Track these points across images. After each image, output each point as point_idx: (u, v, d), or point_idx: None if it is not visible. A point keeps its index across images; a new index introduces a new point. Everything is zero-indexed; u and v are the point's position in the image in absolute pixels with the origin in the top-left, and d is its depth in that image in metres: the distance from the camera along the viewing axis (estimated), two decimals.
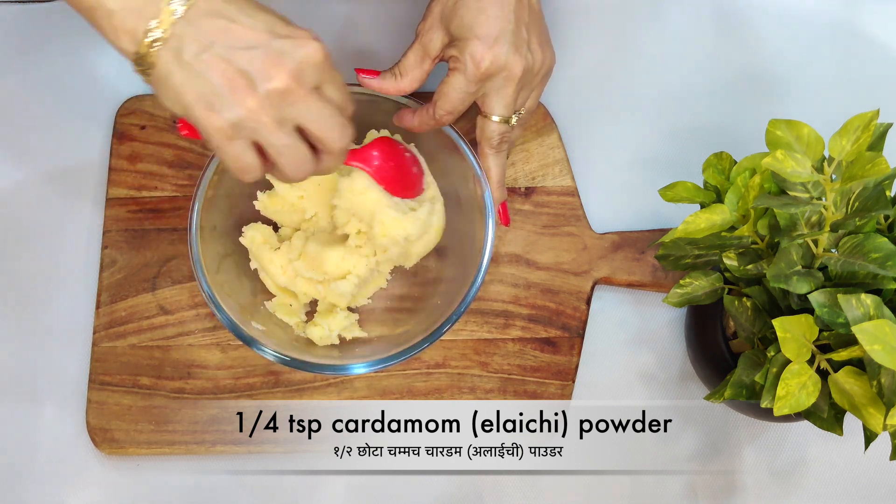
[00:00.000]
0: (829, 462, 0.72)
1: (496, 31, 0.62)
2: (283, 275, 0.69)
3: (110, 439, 0.70)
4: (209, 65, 0.52)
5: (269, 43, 0.52)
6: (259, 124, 0.53)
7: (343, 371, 0.65)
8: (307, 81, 0.53)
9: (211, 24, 0.52)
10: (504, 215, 0.71)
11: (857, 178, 0.49)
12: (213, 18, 0.52)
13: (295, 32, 0.53)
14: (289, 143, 0.54)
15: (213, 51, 0.51)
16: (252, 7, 0.54)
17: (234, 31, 0.52)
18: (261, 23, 0.53)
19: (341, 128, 0.56)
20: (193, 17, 0.52)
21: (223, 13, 0.52)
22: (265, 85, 0.52)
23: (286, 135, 0.54)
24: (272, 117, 0.53)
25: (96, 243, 0.74)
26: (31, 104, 0.77)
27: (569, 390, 0.71)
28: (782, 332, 0.52)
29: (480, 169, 0.67)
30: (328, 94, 0.55)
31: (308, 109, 0.54)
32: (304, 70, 0.53)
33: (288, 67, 0.52)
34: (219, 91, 0.52)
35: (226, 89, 0.52)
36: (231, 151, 0.54)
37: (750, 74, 0.79)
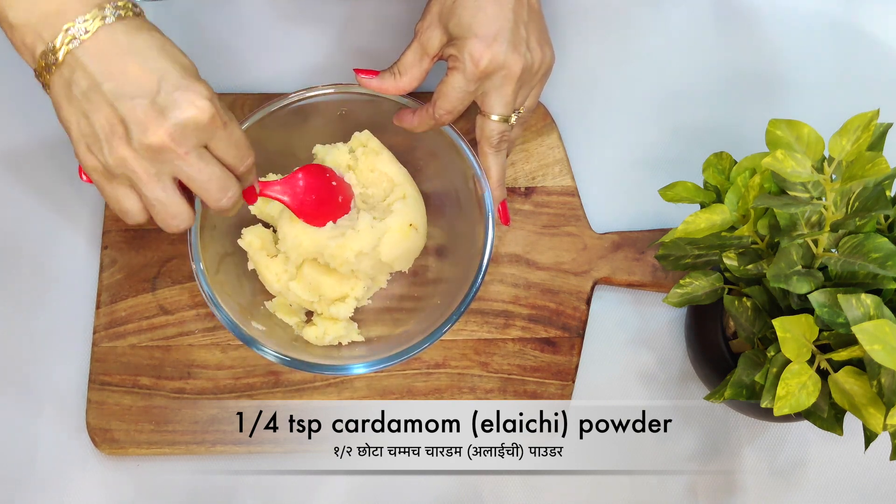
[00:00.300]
0: (829, 462, 0.71)
1: (495, 30, 0.62)
2: (278, 283, 0.69)
3: (110, 439, 0.70)
4: (94, 106, 0.51)
5: (154, 95, 0.51)
6: (133, 174, 0.52)
7: (343, 371, 0.65)
8: (187, 141, 0.52)
9: (105, 63, 0.51)
10: (504, 214, 0.71)
11: (857, 178, 0.49)
12: (109, 56, 0.51)
13: (187, 87, 0.51)
14: (161, 197, 0.53)
15: (101, 92, 0.51)
16: (154, 48, 0.52)
17: (126, 75, 0.51)
18: (156, 70, 0.51)
19: (220, 187, 0.55)
20: (91, 49, 0.51)
21: (122, 50, 0.51)
22: (140, 138, 0.51)
23: (160, 188, 0.53)
24: (145, 170, 0.52)
25: (96, 243, 0.74)
26: (31, 103, 0.77)
27: (569, 390, 0.71)
28: (782, 332, 0.52)
29: (480, 168, 0.67)
30: (217, 151, 0.54)
31: (185, 167, 0.53)
32: (184, 130, 0.51)
33: (167, 125, 0.51)
34: (98, 135, 0.51)
35: (104, 134, 0.51)
36: (110, 193, 0.54)
37: (750, 74, 0.79)
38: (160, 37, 0.53)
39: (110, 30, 0.51)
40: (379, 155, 0.70)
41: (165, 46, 0.53)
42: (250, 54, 0.79)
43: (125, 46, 0.51)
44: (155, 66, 0.51)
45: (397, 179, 0.70)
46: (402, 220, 0.68)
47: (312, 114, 0.69)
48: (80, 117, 0.52)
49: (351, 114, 0.70)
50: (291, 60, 0.79)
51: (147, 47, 0.52)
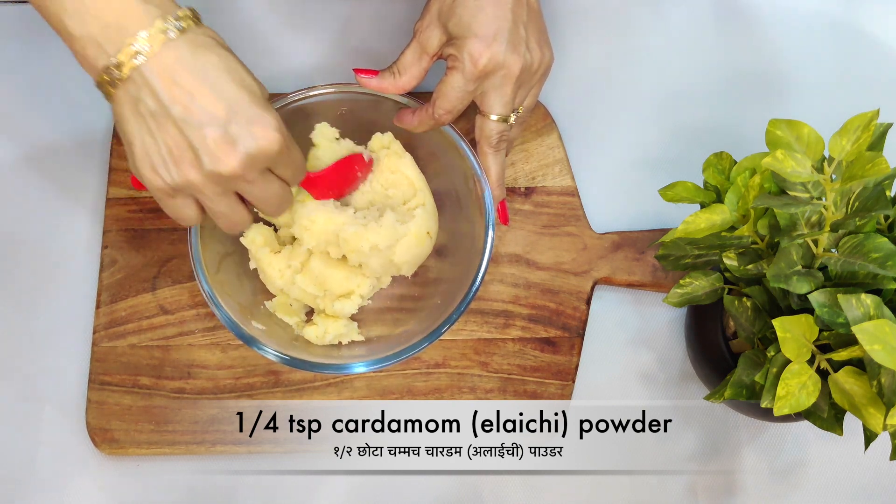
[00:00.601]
0: (829, 462, 0.71)
1: (494, 30, 0.62)
2: (281, 279, 0.69)
3: (110, 439, 0.70)
4: (162, 129, 0.51)
5: (226, 125, 0.51)
6: (199, 193, 0.54)
7: (343, 370, 0.65)
8: (256, 168, 0.53)
9: (173, 85, 0.50)
10: (503, 214, 0.71)
11: (857, 178, 0.49)
12: (177, 77, 0.50)
13: (258, 118, 0.52)
14: (225, 211, 0.56)
15: (170, 116, 0.51)
16: (222, 71, 0.52)
17: (195, 101, 0.51)
18: (225, 97, 0.51)
19: (279, 203, 0.58)
20: (157, 68, 0.50)
21: (189, 71, 0.51)
22: (212, 166, 0.52)
23: (224, 204, 0.55)
24: (212, 190, 0.53)
25: (96, 243, 0.74)
26: (31, 104, 0.77)
27: (569, 390, 0.71)
28: (782, 332, 0.52)
29: (480, 168, 0.67)
30: (279, 172, 0.56)
31: (250, 188, 0.55)
32: (255, 160, 0.53)
33: (239, 156, 0.52)
34: (165, 157, 0.52)
35: (172, 158, 0.52)
36: (170, 205, 0.55)
37: (750, 74, 0.79)
38: (226, 54, 0.53)
39: (174, 46, 0.51)
40: (402, 158, 0.70)
41: (232, 68, 0.52)
42: (250, 54, 0.78)
43: (192, 67, 0.51)
44: (225, 94, 0.51)
45: (418, 185, 0.70)
46: (420, 227, 0.68)
47: (312, 114, 0.69)
48: (147, 136, 0.52)
49: (351, 113, 0.70)
50: (291, 60, 0.79)
51: (215, 69, 0.51)
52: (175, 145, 0.51)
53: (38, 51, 0.78)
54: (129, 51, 0.50)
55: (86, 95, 0.77)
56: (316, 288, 0.68)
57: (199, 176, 0.52)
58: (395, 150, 0.70)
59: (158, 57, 0.50)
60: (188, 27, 0.51)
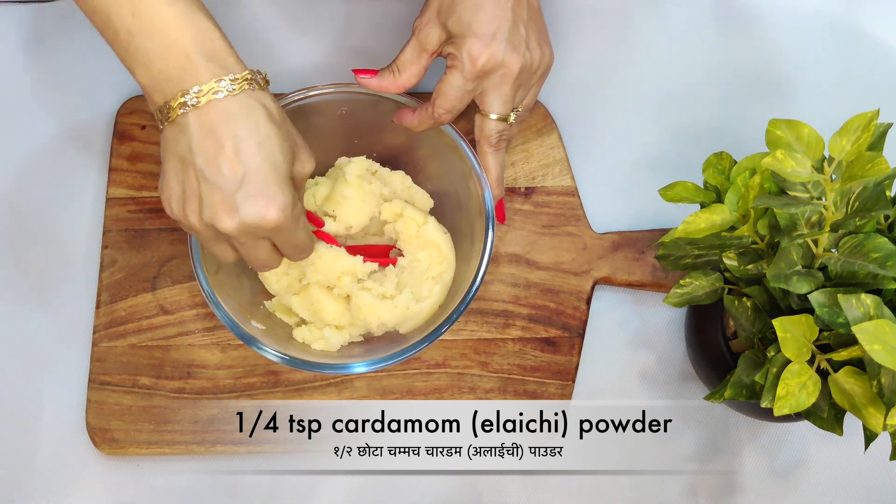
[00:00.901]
0: (829, 462, 0.71)
1: (493, 29, 0.62)
2: (278, 283, 0.69)
3: (110, 439, 0.70)
4: (185, 172, 0.55)
5: (235, 190, 0.54)
6: (197, 235, 0.58)
7: (343, 370, 0.65)
8: (249, 236, 0.56)
9: (205, 137, 0.54)
10: (501, 213, 0.71)
11: (857, 178, 0.49)
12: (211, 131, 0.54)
13: (263, 194, 0.54)
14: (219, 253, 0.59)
15: (193, 163, 0.54)
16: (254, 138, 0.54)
17: (217, 159, 0.53)
18: (245, 164, 0.54)
19: (263, 266, 0.61)
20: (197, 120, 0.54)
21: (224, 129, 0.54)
22: (209, 219, 0.55)
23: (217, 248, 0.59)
24: (208, 236, 0.57)
25: (96, 243, 0.74)
26: (31, 104, 0.77)
27: (569, 390, 0.71)
28: (782, 332, 0.52)
29: (480, 168, 0.67)
30: (277, 244, 0.59)
31: (240, 247, 0.58)
32: (249, 228, 0.55)
33: (235, 221, 0.55)
34: (179, 195, 0.56)
35: (184, 198, 0.55)
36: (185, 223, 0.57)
37: (750, 74, 0.79)
38: (266, 125, 0.55)
39: (220, 105, 0.53)
40: (423, 225, 0.70)
41: (265, 139, 0.54)
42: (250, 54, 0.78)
43: (227, 128, 0.54)
44: (247, 161, 0.54)
45: (445, 251, 0.70)
46: (434, 306, 0.68)
47: (312, 113, 0.69)
48: (172, 171, 0.56)
49: (351, 114, 0.70)
50: (291, 60, 0.79)
51: (248, 136, 0.54)
52: (189, 189, 0.55)
53: (39, 50, 0.78)
54: (180, 100, 0.53)
55: (86, 96, 0.77)
56: (310, 314, 0.68)
57: (199, 223, 0.56)
58: (410, 215, 0.70)
59: (201, 110, 0.53)
60: (241, 90, 0.54)
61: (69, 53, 0.78)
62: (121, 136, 0.75)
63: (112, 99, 0.77)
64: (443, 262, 0.69)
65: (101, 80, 0.77)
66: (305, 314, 0.68)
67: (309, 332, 0.68)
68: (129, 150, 0.75)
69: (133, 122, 0.75)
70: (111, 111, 0.76)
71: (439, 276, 0.69)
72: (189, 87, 0.53)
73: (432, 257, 0.69)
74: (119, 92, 0.77)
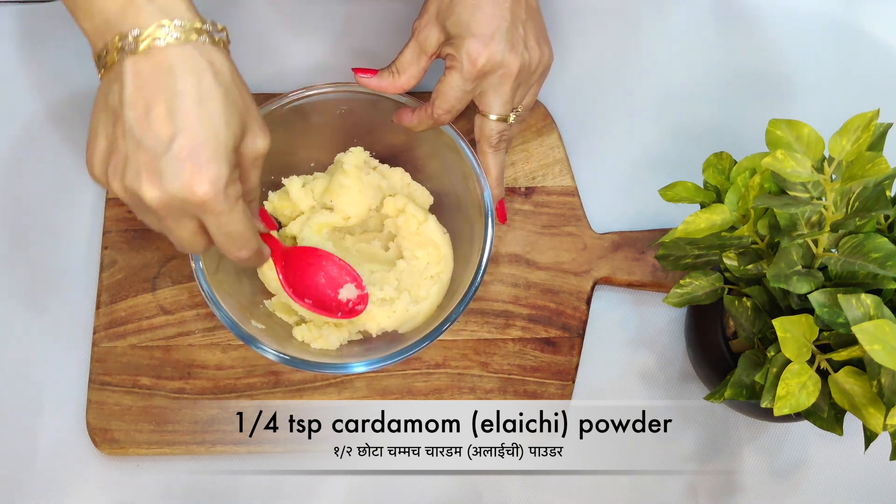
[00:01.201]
0: (829, 462, 0.71)
1: (492, 29, 0.61)
2: (276, 280, 0.69)
3: (110, 439, 0.70)
4: (114, 126, 0.49)
5: (162, 153, 0.47)
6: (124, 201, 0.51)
7: (343, 370, 0.65)
8: (173, 210, 0.50)
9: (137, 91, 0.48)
10: (501, 213, 0.71)
11: (857, 178, 0.49)
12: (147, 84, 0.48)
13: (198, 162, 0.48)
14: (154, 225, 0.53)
15: (122, 117, 0.48)
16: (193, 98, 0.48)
17: (147, 116, 0.47)
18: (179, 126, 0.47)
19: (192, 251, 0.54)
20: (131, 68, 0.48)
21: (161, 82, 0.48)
22: (132, 186, 0.49)
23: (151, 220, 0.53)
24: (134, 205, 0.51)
25: (96, 243, 0.74)
26: (30, 104, 0.77)
27: (569, 390, 0.71)
28: (782, 332, 0.52)
29: (479, 168, 0.67)
30: (206, 225, 0.52)
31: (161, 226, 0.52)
32: (173, 201, 0.49)
33: (158, 191, 0.48)
34: (101, 151, 0.50)
35: (106, 156, 0.50)
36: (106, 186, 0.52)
37: (750, 74, 0.79)
38: (211, 82, 0.49)
39: (162, 53, 0.48)
40: (424, 223, 0.70)
41: (209, 98, 0.48)
42: (250, 54, 0.79)
43: (164, 81, 0.48)
44: (181, 123, 0.48)
45: (444, 250, 0.70)
46: (431, 306, 0.68)
47: (312, 113, 0.69)
48: (100, 125, 0.50)
49: (350, 113, 0.70)
50: (291, 60, 0.79)
51: (187, 92, 0.48)
52: (113, 148, 0.49)
53: (39, 50, 0.78)
54: (118, 44, 0.48)
55: (85, 96, 0.77)
56: (308, 314, 0.68)
57: (120, 187, 0.50)
58: (411, 212, 0.70)
59: (139, 57, 0.48)
60: (187, 40, 0.48)
61: (69, 53, 0.78)
62: None
63: None
64: (441, 262, 0.69)
65: None
66: (305, 313, 0.68)
67: (308, 330, 0.68)
68: None
69: None
70: None
71: (437, 276, 0.69)
72: (128, 30, 0.48)
73: (430, 256, 0.69)
74: None
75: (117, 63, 0.48)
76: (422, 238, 0.69)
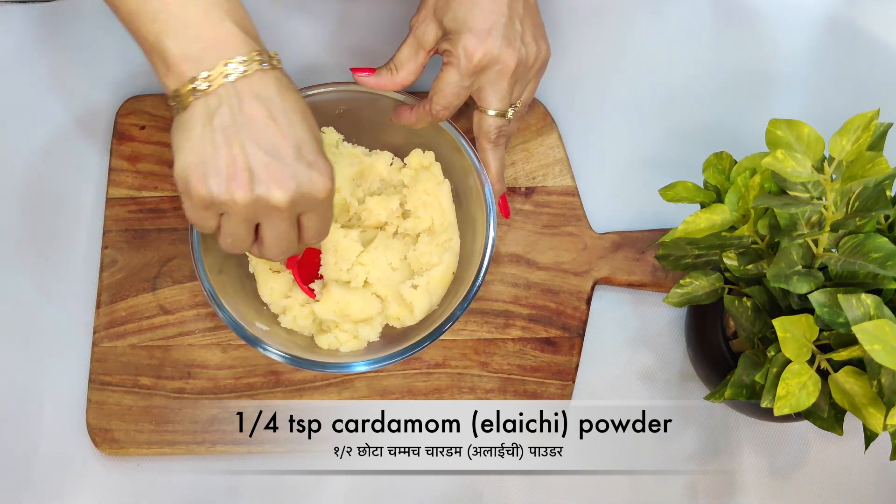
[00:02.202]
0: (829, 462, 0.71)
1: (488, 25, 0.61)
2: (270, 296, 0.69)
3: (110, 439, 0.70)
4: (229, 145, 0.53)
5: (290, 161, 0.54)
6: (231, 213, 0.55)
7: (345, 369, 0.65)
8: (297, 208, 0.56)
9: (253, 107, 0.53)
10: (504, 207, 0.71)
11: (857, 178, 0.49)
12: (258, 102, 0.53)
13: (317, 163, 0.55)
14: (240, 234, 0.57)
15: (239, 135, 0.53)
16: (296, 112, 0.55)
17: (268, 130, 0.53)
18: (294, 135, 0.54)
19: (283, 251, 0.59)
20: (242, 89, 0.53)
21: (269, 102, 0.54)
22: (262, 193, 0.53)
23: (244, 229, 0.56)
24: (245, 214, 0.55)
25: (96, 243, 0.74)
26: (31, 104, 0.77)
27: (569, 390, 0.71)
28: (782, 332, 0.52)
29: (480, 165, 0.67)
30: (305, 222, 0.58)
31: (275, 227, 0.56)
32: (300, 199, 0.55)
33: (290, 193, 0.54)
34: (219, 171, 0.53)
35: (226, 174, 0.53)
36: (198, 214, 0.56)
37: (750, 74, 0.79)
38: (301, 100, 0.56)
39: (264, 77, 0.54)
40: (440, 185, 0.70)
41: (307, 113, 0.56)
42: None
43: (274, 100, 0.54)
44: (296, 133, 0.54)
45: (449, 217, 0.70)
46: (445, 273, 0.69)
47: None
48: (209, 147, 0.53)
49: (349, 112, 0.70)
50: (289, 59, 0.78)
51: (293, 109, 0.55)
52: (234, 163, 0.53)
53: (39, 50, 0.78)
54: (223, 69, 0.53)
55: (85, 96, 0.77)
56: (336, 314, 0.67)
57: (245, 197, 0.53)
58: (434, 172, 0.70)
59: (249, 80, 0.53)
60: (276, 66, 0.55)
61: (69, 54, 0.78)
62: (121, 136, 0.75)
63: (112, 99, 0.77)
64: (448, 229, 0.69)
65: (101, 81, 0.77)
66: (333, 315, 0.67)
67: (335, 337, 0.68)
68: (129, 150, 0.75)
69: (133, 122, 0.76)
70: (111, 111, 0.76)
71: (447, 243, 0.69)
72: (232, 56, 0.53)
73: (435, 220, 0.69)
74: (119, 92, 0.77)
75: (222, 87, 0.53)
76: (431, 199, 0.69)
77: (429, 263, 0.68)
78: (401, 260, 0.69)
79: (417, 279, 0.68)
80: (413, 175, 0.70)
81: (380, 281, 0.68)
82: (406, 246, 0.70)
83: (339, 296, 0.67)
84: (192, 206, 0.55)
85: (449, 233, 0.70)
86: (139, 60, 0.77)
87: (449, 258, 0.69)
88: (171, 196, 0.74)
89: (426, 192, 0.69)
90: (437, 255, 0.69)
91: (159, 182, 0.74)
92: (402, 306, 0.68)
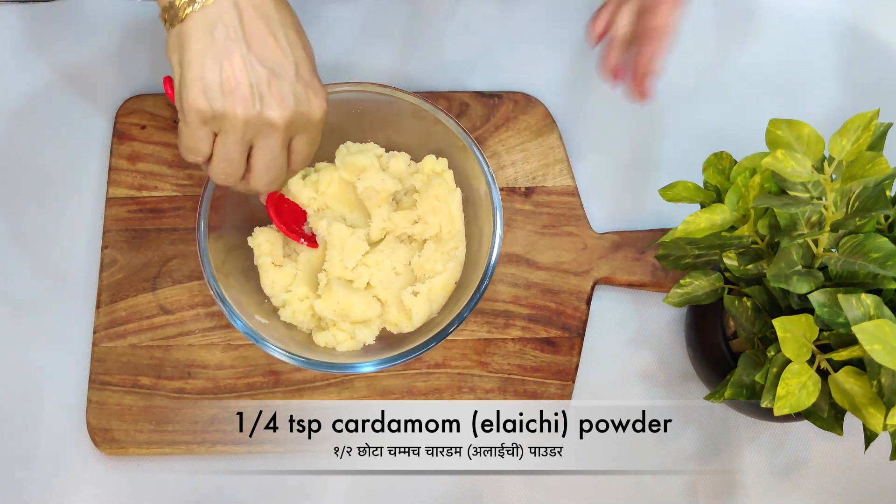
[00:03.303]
0: (829, 462, 0.71)
1: None
2: (272, 289, 0.69)
3: (110, 439, 0.70)
4: (230, 58, 0.52)
5: (289, 78, 0.54)
6: (229, 130, 0.54)
7: (350, 370, 0.65)
8: (292, 129, 0.56)
9: (254, 23, 0.53)
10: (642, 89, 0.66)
11: (857, 178, 0.49)
12: (259, 18, 0.53)
13: (313, 83, 0.55)
14: (233, 157, 0.56)
15: (241, 49, 0.52)
16: (295, 33, 0.55)
17: (268, 46, 0.53)
18: (294, 54, 0.54)
19: (273, 179, 0.59)
20: (241, 1, 0.52)
21: (268, 17, 0.53)
22: (261, 109, 0.53)
23: (238, 150, 0.56)
24: (242, 131, 0.54)
25: (96, 243, 0.74)
26: (31, 104, 0.77)
27: (569, 390, 0.71)
28: (782, 332, 0.52)
29: (488, 168, 0.67)
30: (296, 145, 0.58)
31: (268, 149, 0.56)
32: (298, 119, 0.55)
33: (289, 111, 0.54)
34: (222, 85, 0.52)
35: (227, 87, 0.52)
36: (195, 133, 0.55)
37: (750, 74, 0.79)
38: (296, 16, 0.56)
39: None
40: (452, 192, 0.70)
41: (301, 31, 0.56)
42: None
43: (272, 16, 0.53)
44: (295, 50, 0.54)
45: (458, 225, 0.70)
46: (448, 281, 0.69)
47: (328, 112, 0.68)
48: (210, 59, 0.52)
49: (366, 112, 0.70)
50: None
51: (289, 25, 0.54)
52: (234, 77, 0.52)
53: (39, 50, 0.78)
54: None
55: (86, 95, 0.77)
56: (336, 313, 0.67)
57: (244, 113, 0.53)
58: (447, 179, 0.70)
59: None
60: None
61: (69, 54, 0.78)
62: (121, 136, 0.75)
63: (112, 99, 0.77)
64: (455, 238, 0.69)
65: (101, 81, 0.77)
66: (333, 315, 0.67)
67: (332, 335, 0.68)
68: (129, 149, 0.75)
69: (133, 122, 0.76)
70: (111, 111, 0.76)
71: (453, 251, 0.69)
72: None
73: (443, 227, 0.69)
74: (119, 92, 0.77)
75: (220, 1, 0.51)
76: (441, 206, 0.69)
77: (432, 271, 0.68)
78: (405, 265, 0.69)
79: (419, 286, 0.68)
80: (425, 180, 0.70)
81: (382, 284, 0.68)
82: (411, 251, 0.70)
83: (341, 295, 0.67)
84: (189, 126, 0.54)
85: (456, 241, 0.70)
86: (139, 60, 0.78)
87: (453, 267, 0.69)
88: (171, 196, 0.74)
89: (437, 199, 0.69)
90: (442, 262, 0.69)
91: (159, 182, 0.74)
92: (402, 312, 0.68)
